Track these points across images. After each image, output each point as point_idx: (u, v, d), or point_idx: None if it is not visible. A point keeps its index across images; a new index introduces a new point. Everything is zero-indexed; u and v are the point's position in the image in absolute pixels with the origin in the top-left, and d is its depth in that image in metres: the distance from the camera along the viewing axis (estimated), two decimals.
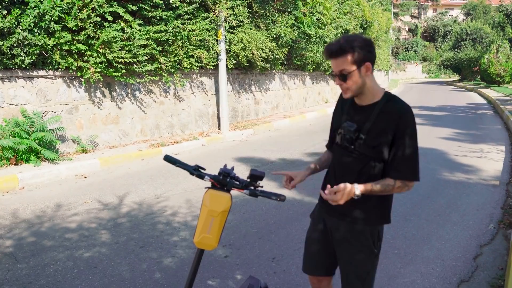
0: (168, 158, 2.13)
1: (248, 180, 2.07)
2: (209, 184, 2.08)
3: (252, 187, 2.07)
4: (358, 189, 1.98)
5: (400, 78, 44.53)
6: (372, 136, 2.03)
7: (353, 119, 2.10)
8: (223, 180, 2.03)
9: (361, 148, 2.06)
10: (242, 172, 6.50)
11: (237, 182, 2.07)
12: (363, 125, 2.05)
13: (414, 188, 5.83)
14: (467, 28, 41.64)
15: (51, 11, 6.66)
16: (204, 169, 2.12)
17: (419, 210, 5.08)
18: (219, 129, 10.65)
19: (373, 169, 2.07)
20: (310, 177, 2.55)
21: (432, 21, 62.13)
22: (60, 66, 7.13)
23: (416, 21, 63.65)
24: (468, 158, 7.82)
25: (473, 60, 34.79)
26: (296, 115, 13.50)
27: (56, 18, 6.77)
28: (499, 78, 28.71)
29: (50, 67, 7.12)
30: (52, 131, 6.99)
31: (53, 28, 6.77)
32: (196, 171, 2.09)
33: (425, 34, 60.13)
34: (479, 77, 35.71)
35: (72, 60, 7.17)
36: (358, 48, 1.95)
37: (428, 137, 9.97)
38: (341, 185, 1.96)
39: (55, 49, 6.98)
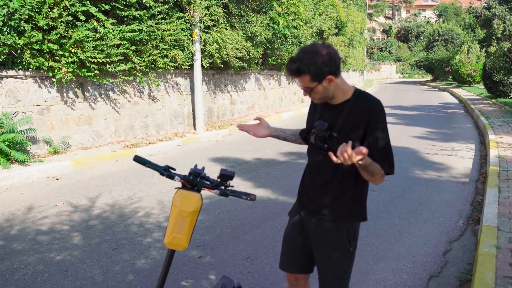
0: (137, 159, 2.11)
1: (219, 180, 2.07)
2: (179, 184, 2.08)
3: (222, 187, 2.08)
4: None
5: (375, 78, 45.18)
6: (345, 134, 2.04)
7: (325, 118, 2.12)
8: (193, 180, 2.04)
9: (334, 147, 2.04)
10: (217, 172, 6.48)
11: (208, 182, 2.07)
12: (335, 124, 2.07)
13: (387, 186, 5.94)
14: (439, 29, 42.53)
15: (21, 9, 6.51)
16: (175, 170, 2.11)
17: (391, 208, 5.17)
18: (195, 129, 10.60)
19: (347, 167, 2.07)
20: (285, 177, 2.59)
21: (405, 22, 63.22)
22: (31, 66, 6.98)
23: (390, 22, 64.65)
24: (439, 156, 7.99)
25: (445, 61, 35.59)
26: (272, 115, 13.55)
27: (26, 17, 6.62)
28: (470, 78, 29.45)
29: (20, 67, 6.95)
30: (22, 133, 6.84)
31: (23, 27, 6.62)
32: (166, 171, 2.08)
33: (398, 35, 61.12)
34: (451, 77, 36.58)
35: (43, 60, 7.03)
36: (315, 68, 1.94)
37: (401, 136, 10.15)
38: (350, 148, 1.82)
39: (25, 48, 6.82)
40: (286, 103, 16.77)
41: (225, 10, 11.07)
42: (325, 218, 2.15)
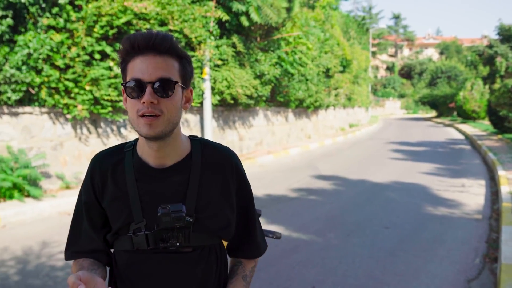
0: None
1: None
2: None
3: None
4: None
5: (380, 114, 45.53)
6: (209, 214, 1.30)
7: (158, 196, 1.27)
8: None
9: (194, 239, 1.28)
10: None
11: None
12: (185, 200, 1.27)
13: (400, 223, 5.91)
14: (442, 66, 43.23)
15: (40, 49, 6.72)
16: None
17: (406, 246, 5.13)
18: None
19: (214, 264, 1.36)
20: (296, 214, 2.59)
21: (408, 59, 64.32)
22: (47, 103, 7.13)
23: (393, 59, 65.76)
24: (450, 192, 7.97)
25: (448, 97, 35.96)
26: (279, 151, 13.62)
27: (45, 56, 6.83)
28: (474, 114, 29.62)
29: (37, 103, 7.11)
30: (36, 168, 6.92)
31: (41, 66, 6.81)
32: None
33: (402, 72, 62.05)
34: (455, 113, 36.81)
35: (59, 97, 7.19)
36: (186, 61, 1.27)
37: (410, 172, 10.15)
38: None
39: (42, 86, 7.00)
40: (293, 139, 16.89)
41: (234, 49, 11.35)
42: None
